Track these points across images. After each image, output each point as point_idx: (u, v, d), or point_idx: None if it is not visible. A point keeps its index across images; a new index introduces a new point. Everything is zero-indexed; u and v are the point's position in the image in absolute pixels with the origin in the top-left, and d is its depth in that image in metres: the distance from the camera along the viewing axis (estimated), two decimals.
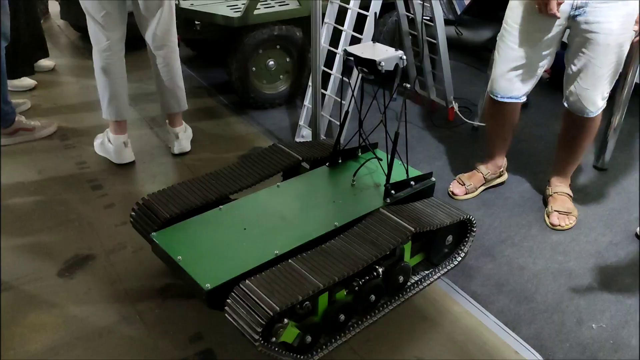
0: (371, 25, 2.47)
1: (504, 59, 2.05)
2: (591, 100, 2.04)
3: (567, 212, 2.24)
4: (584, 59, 1.98)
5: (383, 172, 2.00)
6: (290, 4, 2.93)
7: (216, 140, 2.81)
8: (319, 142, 2.28)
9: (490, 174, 2.43)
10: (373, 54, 1.79)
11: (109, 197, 2.34)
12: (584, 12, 1.89)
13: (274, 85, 3.12)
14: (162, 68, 2.50)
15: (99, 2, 2.23)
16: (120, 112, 2.46)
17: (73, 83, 3.31)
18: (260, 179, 1.98)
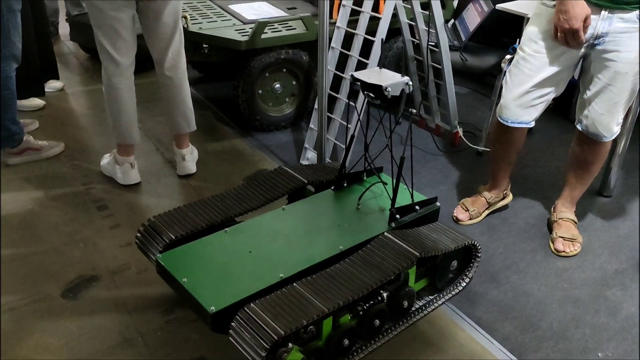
0: (377, 50, 2.50)
1: (516, 84, 2.06)
2: (606, 125, 2.05)
3: (572, 238, 2.23)
4: (599, 85, 2.00)
5: (388, 196, 2.01)
6: (297, 28, 2.97)
7: (221, 161, 2.82)
8: (324, 165, 2.29)
9: (494, 198, 2.43)
10: (379, 80, 1.81)
11: (114, 217, 2.35)
12: (604, 42, 1.91)
13: (280, 108, 3.14)
14: (172, 89, 2.52)
15: (113, 27, 2.26)
16: (130, 135, 2.48)
17: (81, 104, 3.34)
18: (266, 202, 1.99)
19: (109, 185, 2.56)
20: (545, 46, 1.97)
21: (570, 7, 1.81)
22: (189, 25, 2.90)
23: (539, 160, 2.92)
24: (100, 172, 2.64)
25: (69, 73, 3.70)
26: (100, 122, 3.11)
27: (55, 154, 2.77)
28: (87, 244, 2.19)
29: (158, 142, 2.97)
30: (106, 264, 2.08)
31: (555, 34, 1.90)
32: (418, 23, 2.77)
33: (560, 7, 1.84)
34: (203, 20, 3.02)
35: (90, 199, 2.47)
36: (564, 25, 1.84)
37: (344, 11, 2.61)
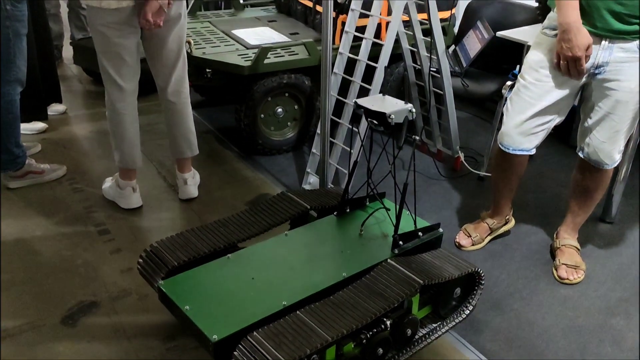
0: (380, 77, 2.52)
1: (518, 112, 2.07)
2: (608, 153, 2.06)
3: (575, 265, 2.22)
4: (600, 113, 2.01)
5: (391, 222, 2.00)
6: (300, 53, 2.99)
7: (223, 185, 2.82)
8: (326, 191, 2.29)
9: (496, 224, 2.43)
10: (383, 107, 1.82)
11: (115, 242, 2.34)
12: (604, 71, 1.93)
13: (282, 132, 3.15)
14: (174, 114, 2.53)
15: (118, 54, 2.28)
16: (133, 160, 2.49)
17: (84, 127, 3.35)
18: (269, 227, 1.98)
19: (110, 209, 2.56)
20: (546, 74, 1.99)
21: (573, 36, 1.82)
22: (193, 50, 2.93)
23: (540, 186, 2.92)
24: (102, 195, 2.64)
25: (71, 96, 3.72)
26: (102, 145, 3.12)
27: (57, 177, 2.76)
28: (87, 269, 2.17)
29: (160, 165, 2.97)
30: (107, 290, 2.07)
31: (557, 62, 1.92)
32: (420, 49, 2.79)
33: (563, 36, 1.86)
34: (206, 45, 3.05)
35: (92, 223, 2.46)
36: (567, 54, 1.86)
37: (346, 37, 2.63)
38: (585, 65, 1.89)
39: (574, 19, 1.82)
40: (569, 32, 1.83)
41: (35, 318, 1.92)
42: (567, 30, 1.83)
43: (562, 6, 1.84)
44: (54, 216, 2.49)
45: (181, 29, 2.39)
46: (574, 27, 1.82)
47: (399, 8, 2.48)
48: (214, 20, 3.51)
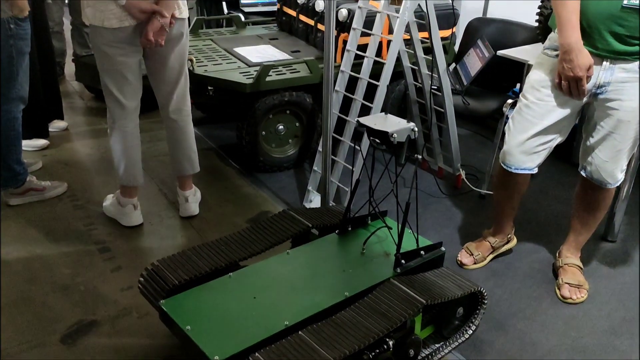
0: (382, 95, 2.53)
1: (520, 131, 2.07)
2: (611, 172, 2.06)
3: (578, 284, 2.21)
4: (602, 133, 2.01)
5: (393, 241, 2.00)
6: (301, 71, 3.01)
7: (224, 203, 2.82)
8: (328, 209, 2.29)
9: (498, 242, 2.42)
10: (385, 126, 1.82)
11: (115, 260, 2.33)
12: (606, 91, 1.93)
13: (283, 149, 3.16)
14: (176, 131, 2.54)
15: (120, 72, 2.29)
16: (134, 177, 2.49)
17: (85, 144, 3.35)
18: (270, 246, 1.97)
19: (111, 226, 2.55)
20: (547, 94, 2.00)
21: (575, 57, 1.84)
22: (195, 67, 2.94)
23: (541, 204, 2.92)
24: (102, 213, 2.63)
25: (73, 113, 3.73)
26: (103, 162, 3.12)
27: (57, 195, 2.76)
28: (87, 287, 2.16)
29: (161, 182, 2.97)
30: (107, 309, 2.05)
31: (559, 82, 1.92)
32: (421, 67, 2.81)
33: (564, 56, 1.87)
34: (208, 63, 3.06)
35: (92, 240, 2.45)
36: (568, 74, 1.87)
37: (348, 56, 2.64)
38: (587, 86, 1.89)
39: (575, 39, 1.83)
40: (570, 52, 1.84)
41: (34, 337, 1.90)
42: (568, 51, 1.85)
43: (563, 27, 1.86)
44: (54, 234, 2.48)
45: (183, 48, 2.40)
46: (575, 47, 1.83)
47: (401, 27, 2.50)
48: (216, 38, 3.53)
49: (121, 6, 2.15)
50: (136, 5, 2.15)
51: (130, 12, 2.16)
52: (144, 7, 2.17)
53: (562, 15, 1.85)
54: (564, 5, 1.84)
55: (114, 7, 2.15)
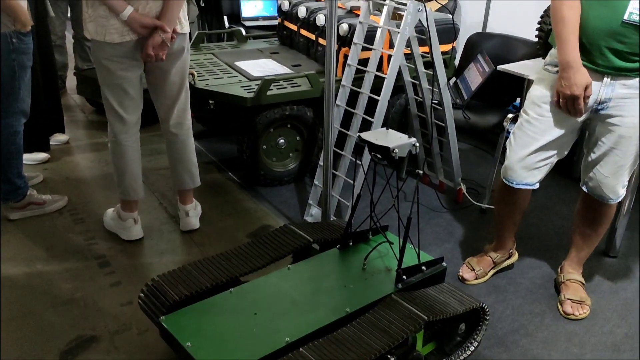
0: (383, 110, 2.53)
1: (521, 147, 2.07)
2: (612, 188, 2.06)
3: (580, 300, 2.20)
4: (604, 148, 2.01)
5: (394, 256, 1.99)
6: (302, 85, 3.01)
7: (225, 217, 2.81)
8: (329, 223, 2.28)
9: (500, 258, 2.41)
10: (386, 141, 1.82)
11: (115, 274, 2.32)
12: (607, 107, 1.94)
13: (284, 163, 3.16)
14: (177, 145, 2.54)
15: (121, 86, 2.29)
16: (135, 191, 2.48)
17: (86, 157, 3.35)
18: (272, 261, 1.97)
19: (111, 241, 2.54)
20: (548, 110, 2.00)
21: (572, 75, 1.85)
22: (196, 81, 2.95)
23: (542, 219, 2.91)
24: (103, 227, 2.63)
25: (74, 126, 3.73)
26: (104, 175, 3.12)
27: (58, 208, 2.75)
28: (87, 302, 2.15)
29: (162, 196, 2.97)
30: (106, 324, 2.04)
31: (557, 100, 1.93)
32: (421, 82, 2.81)
33: (562, 74, 1.88)
34: (210, 77, 3.07)
35: (92, 255, 2.44)
36: (565, 92, 1.88)
37: (349, 70, 2.65)
38: (588, 103, 1.90)
39: (574, 58, 1.85)
40: (568, 70, 1.86)
41: (33, 353, 1.89)
42: (567, 69, 1.86)
43: (562, 45, 1.87)
44: (54, 248, 2.47)
45: (184, 63, 2.41)
46: (574, 66, 1.85)
47: (402, 42, 2.51)
48: (217, 52, 3.54)
49: (123, 21, 2.16)
50: (138, 20, 2.16)
51: (132, 27, 2.17)
52: (145, 22, 2.18)
53: (561, 34, 1.86)
54: (563, 24, 1.85)
55: (116, 22, 2.16)
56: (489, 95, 3.23)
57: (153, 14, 2.20)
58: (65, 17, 3.90)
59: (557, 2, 1.87)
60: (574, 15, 1.84)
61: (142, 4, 2.17)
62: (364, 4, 2.64)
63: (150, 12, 2.20)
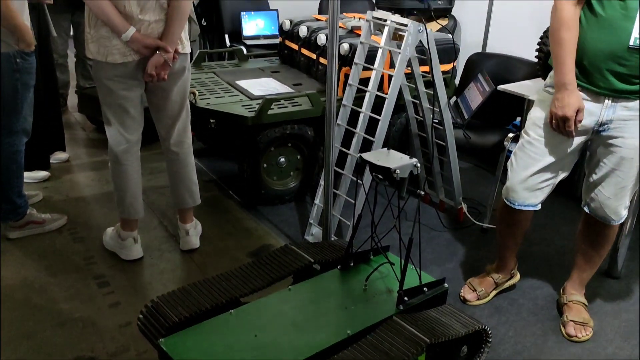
0: (383, 129, 2.54)
1: (522, 168, 2.08)
2: (614, 209, 2.06)
3: (583, 322, 2.18)
4: (605, 169, 2.01)
5: (395, 277, 1.98)
6: (303, 104, 3.02)
7: (225, 236, 2.80)
8: (330, 243, 2.27)
9: (502, 278, 2.40)
10: (388, 162, 1.82)
11: (114, 295, 2.30)
12: (608, 128, 1.94)
13: (285, 182, 3.16)
14: (177, 164, 2.54)
15: (122, 106, 2.30)
16: (135, 210, 2.48)
17: (86, 176, 3.35)
18: (272, 282, 1.95)
19: (110, 260, 2.53)
20: (549, 131, 2.00)
21: (566, 96, 1.87)
22: (197, 101, 2.96)
23: (544, 239, 2.90)
24: (102, 246, 2.62)
25: (75, 144, 3.74)
26: (104, 194, 3.11)
27: (57, 227, 2.74)
28: (86, 323, 2.13)
29: (162, 215, 2.96)
30: (104, 345, 2.02)
31: (550, 120, 1.94)
32: (422, 101, 2.82)
33: (556, 95, 1.90)
34: (211, 96, 3.08)
35: (91, 274, 2.43)
36: (557, 113, 1.90)
37: (350, 90, 2.66)
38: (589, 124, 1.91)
39: (569, 80, 1.86)
40: (563, 92, 1.88)
41: None
42: (561, 90, 1.88)
43: (559, 67, 1.89)
44: (53, 267, 2.46)
45: (185, 82, 2.42)
46: (569, 88, 1.86)
47: (402, 62, 2.52)
48: (218, 71, 3.56)
49: (125, 42, 2.17)
50: (140, 41, 2.17)
51: (135, 47, 2.19)
52: (147, 42, 2.19)
53: (559, 56, 1.88)
54: (561, 46, 1.87)
55: (118, 42, 2.18)
56: (489, 115, 3.24)
57: (155, 34, 2.22)
58: (67, 36, 3.93)
59: (555, 24, 1.88)
60: (572, 37, 1.86)
61: (144, 25, 2.19)
62: (365, 25, 2.66)
63: (153, 32, 2.21)
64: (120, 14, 2.14)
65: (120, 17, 2.13)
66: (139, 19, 2.17)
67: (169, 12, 2.21)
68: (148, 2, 2.17)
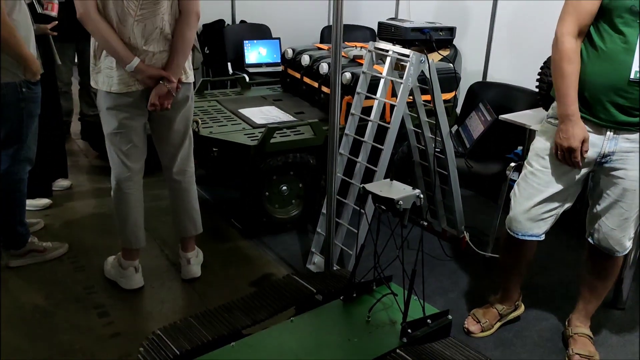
0: (386, 159, 2.54)
1: (526, 198, 2.07)
2: (618, 241, 2.05)
3: (589, 355, 2.16)
4: (609, 201, 2.01)
5: (399, 308, 1.96)
6: (305, 133, 3.03)
7: (226, 265, 2.79)
8: (332, 273, 2.26)
9: (506, 310, 2.38)
10: (391, 193, 1.82)
11: (115, 325, 2.28)
12: (611, 160, 1.95)
13: (286, 210, 3.15)
14: (179, 193, 2.54)
15: (125, 135, 2.31)
16: (137, 239, 2.47)
17: (88, 203, 3.35)
18: (274, 313, 1.93)
19: (111, 289, 2.51)
20: (552, 162, 2.01)
21: (570, 127, 1.88)
22: (200, 129, 2.97)
23: (547, 268, 2.88)
24: (103, 275, 2.60)
25: (77, 171, 3.74)
26: (106, 222, 3.10)
27: (58, 256, 2.73)
28: (85, 354, 2.11)
29: (163, 243, 2.95)
30: None
31: (555, 152, 1.95)
32: (424, 131, 2.83)
33: (560, 127, 1.91)
34: (214, 124, 3.10)
35: (92, 304, 2.40)
36: (563, 144, 1.90)
37: (352, 119, 2.67)
38: (591, 156, 1.91)
39: (572, 111, 1.87)
40: (567, 123, 1.88)
41: None
42: (565, 122, 1.89)
43: (561, 99, 1.90)
44: (54, 297, 2.44)
45: (188, 111, 2.43)
46: (572, 119, 1.87)
47: (405, 92, 2.54)
48: (221, 99, 3.58)
49: (129, 72, 2.19)
50: (144, 71, 2.19)
51: (138, 78, 2.21)
52: (151, 73, 2.21)
53: (561, 88, 1.89)
54: (563, 78, 1.88)
55: (122, 72, 2.20)
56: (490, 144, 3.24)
57: (159, 64, 2.24)
58: (72, 64, 3.97)
59: (557, 56, 1.90)
60: (574, 69, 1.87)
61: (148, 56, 2.21)
62: (368, 55, 2.69)
63: (157, 63, 2.23)
64: (125, 44, 2.17)
65: (124, 48, 2.16)
66: (143, 50, 2.20)
67: (173, 43, 2.24)
68: (152, 33, 2.19)
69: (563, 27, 1.88)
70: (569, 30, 1.86)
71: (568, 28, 1.86)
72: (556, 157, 1.96)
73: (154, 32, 2.20)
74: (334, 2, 2.09)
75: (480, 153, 3.23)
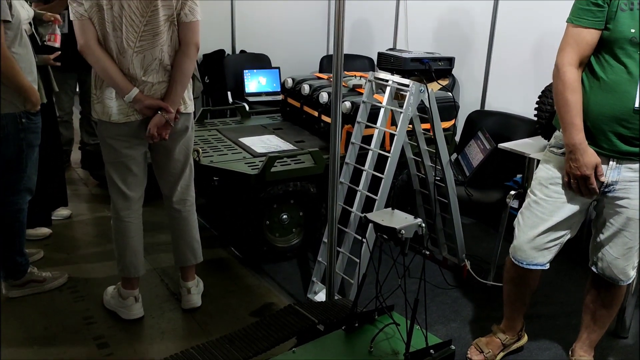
0: (386, 188, 2.55)
1: (530, 227, 2.07)
2: (622, 269, 2.05)
3: None
4: (612, 230, 2.01)
5: (401, 338, 1.94)
6: (306, 161, 3.04)
7: (227, 294, 2.77)
8: (334, 303, 2.24)
9: (509, 339, 2.35)
10: (392, 222, 1.82)
11: (114, 356, 2.25)
12: (614, 189, 1.95)
13: (287, 238, 3.14)
14: (179, 222, 2.53)
15: (125, 164, 2.32)
16: (136, 268, 2.46)
17: (87, 232, 3.34)
18: (275, 343, 1.91)
19: (110, 320, 2.49)
20: (555, 191, 2.01)
21: (580, 156, 1.86)
22: (201, 158, 2.98)
23: (550, 297, 2.87)
24: (102, 305, 2.58)
25: (77, 200, 3.74)
26: (105, 251, 3.09)
27: (58, 286, 2.71)
28: None
29: (163, 272, 2.93)
30: None
31: (567, 181, 1.94)
32: (424, 159, 2.85)
33: (570, 156, 1.90)
34: (214, 153, 3.11)
35: (91, 335, 2.38)
36: (576, 173, 1.89)
37: (352, 148, 2.69)
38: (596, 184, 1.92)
39: (579, 140, 1.87)
40: (576, 152, 1.87)
41: None
42: (574, 151, 1.88)
43: (567, 128, 1.89)
44: (53, 328, 2.42)
45: (188, 141, 2.45)
46: (580, 148, 1.87)
47: (404, 122, 2.56)
48: (221, 128, 3.60)
49: (128, 102, 2.21)
50: (142, 101, 2.21)
51: (137, 108, 2.23)
52: (149, 103, 2.23)
53: (565, 118, 1.89)
54: (567, 108, 1.88)
55: (121, 102, 2.22)
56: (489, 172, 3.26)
57: (158, 95, 2.26)
58: (73, 93, 4.00)
59: (560, 87, 1.89)
60: (578, 99, 1.87)
61: (147, 86, 2.23)
62: (368, 85, 2.72)
63: (156, 93, 2.26)
64: (125, 75, 2.19)
65: (123, 79, 2.18)
66: (142, 81, 2.22)
67: (172, 74, 2.26)
68: (152, 64, 2.22)
69: (564, 58, 1.88)
70: (570, 60, 1.87)
71: (569, 58, 1.87)
72: (568, 187, 1.96)
73: (153, 63, 2.22)
74: (335, 31, 2.12)
75: (479, 181, 3.24)
